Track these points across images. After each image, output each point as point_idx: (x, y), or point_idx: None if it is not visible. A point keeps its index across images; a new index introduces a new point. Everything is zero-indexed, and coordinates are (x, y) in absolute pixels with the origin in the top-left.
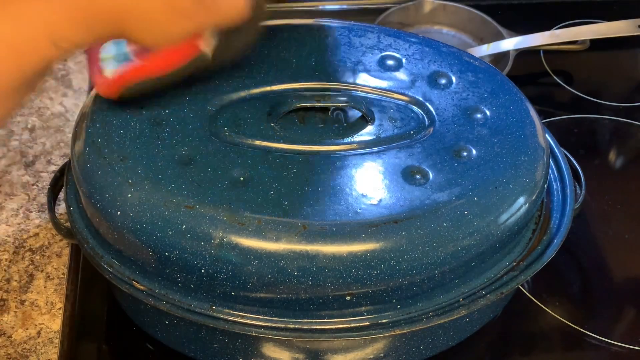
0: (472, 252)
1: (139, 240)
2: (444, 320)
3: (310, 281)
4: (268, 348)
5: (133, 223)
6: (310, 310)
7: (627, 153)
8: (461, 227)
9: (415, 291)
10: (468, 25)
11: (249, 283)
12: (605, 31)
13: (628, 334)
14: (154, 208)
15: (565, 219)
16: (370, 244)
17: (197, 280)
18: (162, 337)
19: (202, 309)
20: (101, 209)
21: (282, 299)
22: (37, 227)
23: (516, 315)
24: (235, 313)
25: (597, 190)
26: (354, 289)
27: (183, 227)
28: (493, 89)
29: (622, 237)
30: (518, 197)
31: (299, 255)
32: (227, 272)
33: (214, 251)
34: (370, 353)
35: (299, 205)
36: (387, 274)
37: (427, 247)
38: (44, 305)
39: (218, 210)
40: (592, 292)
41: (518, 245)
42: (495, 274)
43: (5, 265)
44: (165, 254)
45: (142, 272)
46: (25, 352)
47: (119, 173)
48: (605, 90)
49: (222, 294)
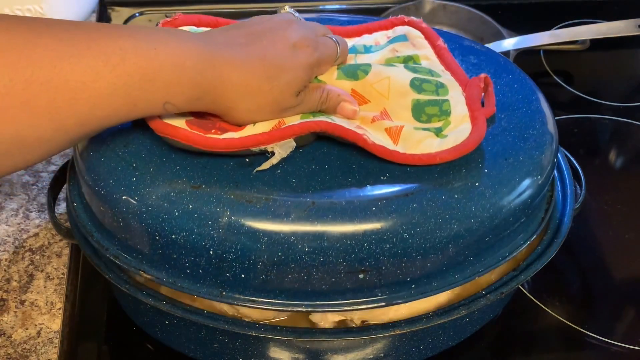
0: (485, 226)
1: (144, 225)
2: (444, 320)
3: (322, 258)
4: (268, 348)
5: (139, 207)
6: (323, 292)
7: (627, 153)
8: (473, 198)
9: (430, 269)
10: (468, 25)
11: (258, 263)
12: (605, 31)
13: (628, 334)
14: (159, 190)
15: (565, 219)
16: (381, 217)
17: (206, 263)
18: (162, 337)
19: (211, 295)
20: (106, 195)
21: (293, 279)
22: (37, 227)
23: (516, 315)
24: (244, 298)
25: (597, 190)
26: (367, 266)
27: (189, 207)
28: (496, 70)
29: (622, 237)
30: (529, 168)
31: (308, 232)
32: (235, 252)
33: (222, 230)
34: (370, 353)
35: (307, 182)
36: (400, 248)
37: (440, 220)
38: (44, 305)
39: (225, 189)
40: (592, 292)
41: (531, 223)
42: (510, 252)
43: (5, 265)
44: (172, 237)
45: (149, 261)
46: (25, 352)
47: (122, 158)
48: (605, 90)
49: (232, 277)
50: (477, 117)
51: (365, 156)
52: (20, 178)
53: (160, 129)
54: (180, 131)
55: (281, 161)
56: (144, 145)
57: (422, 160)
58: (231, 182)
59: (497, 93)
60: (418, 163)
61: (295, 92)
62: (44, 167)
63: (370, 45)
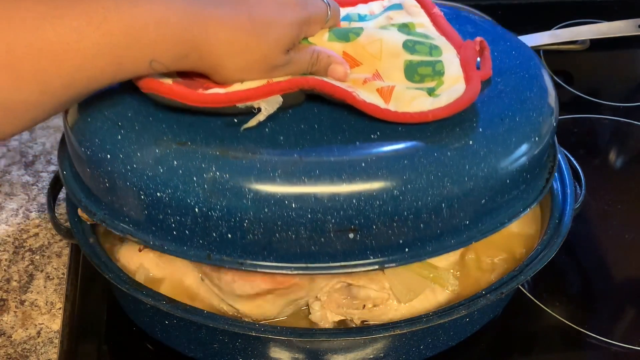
0: (480, 186)
1: (129, 183)
2: (444, 320)
3: (309, 214)
4: (268, 348)
5: (123, 164)
6: (313, 254)
7: (627, 153)
8: (467, 156)
9: (424, 232)
10: None
11: (244, 220)
12: (605, 31)
13: (628, 334)
14: (144, 147)
15: (565, 219)
16: (370, 173)
17: (192, 223)
18: (162, 337)
19: (198, 257)
20: (91, 156)
21: (281, 238)
22: (37, 227)
23: (516, 315)
24: (232, 260)
25: (597, 190)
26: (357, 224)
27: (174, 163)
28: (494, 37)
29: (622, 237)
30: (525, 130)
31: (295, 188)
32: (221, 208)
33: (207, 186)
34: (370, 353)
35: (295, 140)
36: (390, 206)
37: (432, 177)
38: (43, 305)
39: (211, 146)
40: (592, 292)
41: (531, 190)
42: (509, 218)
43: (5, 265)
44: (157, 194)
45: (135, 224)
46: (25, 352)
47: (108, 118)
48: (605, 90)
49: (218, 237)
50: (471, 77)
51: (356, 116)
52: (20, 178)
53: (146, 85)
54: (166, 86)
55: (269, 120)
56: (130, 105)
57: (414, 118)
58: (217, 140)
59: (495, 59)
60: (410, 121)
61: (284, 50)
62: (44, 167)
63: (365, 14)
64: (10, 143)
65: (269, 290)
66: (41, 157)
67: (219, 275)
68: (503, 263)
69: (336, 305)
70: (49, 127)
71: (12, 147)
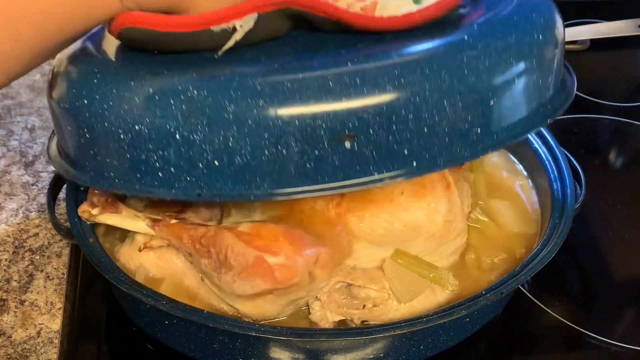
0: (483, 82)
1: (107, 123)
2: (444, 320)
3: (297, 122)
4: (268, 348)
5: (100, 105)
6: (308, 173)
7: (627, 153)
8: (463, 49)
9: (430, 139)
10: None
11: (229, 139)
12: (605, 31)
13: (628, 334)
14: (120, 84)
15: (566, 219)
16: (358, 71)
17: (175, 155)
18: (162, 337)
19: (189, 196)
20: (70, 108)
21: (271, 157)
22: (37, 227)
23: (516, 315)
24: (225, 194)
25: (597, 190)
26: (351, 128)
27: (150, 90)
28: None
29: (622, 237)
30: (525, 27)
31: (279, 95)
32: (202, 129)
33: (186, 107)
34: (370, 353)
35: (276, 57)
36: (385, 105)
37: (427, 70)
38: (43, 305)
39: (189, 71)
40: (592, 292)
41: (539, 97)
42: (524, 129)
43: (5, 265)
44: (136, 128)
45: (121, 174)
46: (25, 352)
47: (83, 68)
48: (605, 90)
49: (205, 169)
50: None
51: (342, 35)
52: (20, 178)
53: (119, 21)
54: (139, 15)
55: (250, 47)
56: (105, 55)
57: (401, 21)
58: (194, 66)
59: None
60: (397, 25)
61: None
62: (44, 167)
63: None
64: (10, 143)
65: (269, 290)
66: (41, 157)
67: (219, 275)
68: (503, 263)
69: (336, 305)
70: (49, 127)
71: (12, 147)
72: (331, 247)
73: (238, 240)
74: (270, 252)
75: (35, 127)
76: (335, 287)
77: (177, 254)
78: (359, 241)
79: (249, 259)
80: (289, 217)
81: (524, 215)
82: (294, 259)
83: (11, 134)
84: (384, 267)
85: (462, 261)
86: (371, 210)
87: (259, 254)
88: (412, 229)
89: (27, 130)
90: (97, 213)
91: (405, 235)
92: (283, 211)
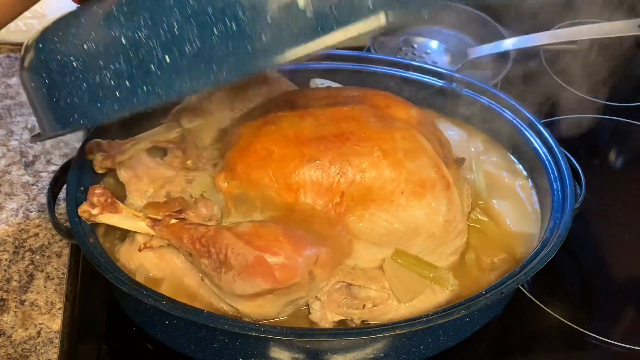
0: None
1: (60, 56)
2: (444, 320)
3: None
4: (268, 348)
5: (52, 41)
6: (270, 47)
7: (627, 153)
8: None
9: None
10: (468, 25)
11: (173, 25)
12: (605, 31)
13: (628, 334)
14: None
15: (565, 219)
16: None
17: (126, 63)
18: (162, 337)
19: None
20: (32, 63)
21: (222, 36)
22: (37, 227)
23: (516, 315)
24: (181, 90)
25: (597, 190)
26: None
27: (93, 6)
28: None
29: (622, 237)
30: None
31: None
32: (145, 22)
33: (127, 8)
34: (370, 353)
35: None
36: None
37: None
38: (43, 305)
39: None
40: (592, 292)
41: None
42: None
43: (5, 265)
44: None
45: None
46: (25, 352)
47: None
48: (605, 90)
49: (159, 69)
50: None
51: None
52: (20, 178)
53: None
54: None
55: None
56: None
57: None
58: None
59: None
60: None
61: None
62: (44, 167)
63: None
64: (10, 143)
65: (269, 290)
66: (41, 157)
67: (219, 275)
68: (503, 263)
69: (336, 305)
70: None
71: (12, 147)
72: (331, 247)
73: (238, 240)
74: (270, 252)
75: (35, 127)
76: (335, 287)
77: (177, 254)
78: (359, 241)
79: (249, 258)
80: (289, 217)
81: (524, 215)
82: (294, 259)
83: (11, 134)
84: (384, 267)
85: (462, 261)
86: (371, 210)
87: (259, 253)
88: (412, 228)
89: (27, 130)
90: (97, 213)
91: (405, 235)
92: (283, 211)
